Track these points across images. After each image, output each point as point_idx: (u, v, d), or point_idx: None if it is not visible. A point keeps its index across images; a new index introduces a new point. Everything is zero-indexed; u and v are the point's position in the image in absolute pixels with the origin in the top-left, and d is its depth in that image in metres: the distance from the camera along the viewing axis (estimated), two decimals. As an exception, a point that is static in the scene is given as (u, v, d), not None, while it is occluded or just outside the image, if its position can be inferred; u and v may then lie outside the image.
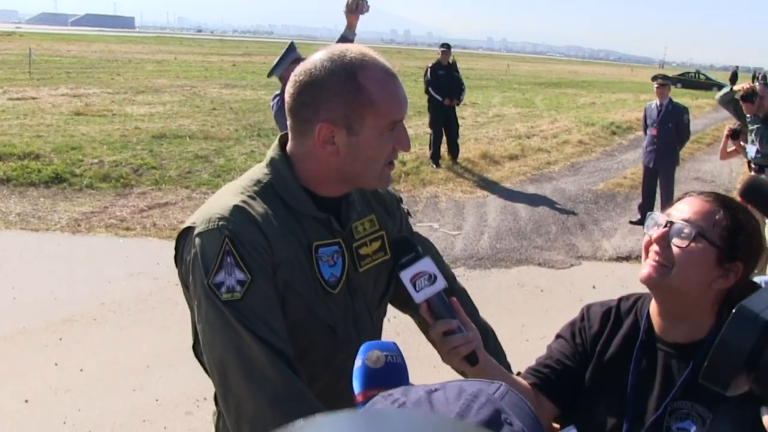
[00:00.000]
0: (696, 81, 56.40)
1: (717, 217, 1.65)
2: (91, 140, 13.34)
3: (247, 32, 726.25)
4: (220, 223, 1.65)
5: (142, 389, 5.05)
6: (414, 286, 1.65)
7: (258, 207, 1.71)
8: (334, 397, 1.82)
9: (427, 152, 14.00)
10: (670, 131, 10.27)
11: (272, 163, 1.81)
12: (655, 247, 1.69)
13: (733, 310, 1.02)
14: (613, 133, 20.43)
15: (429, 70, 13.75)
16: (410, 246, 1.73)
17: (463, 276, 7.60)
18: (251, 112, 19.27)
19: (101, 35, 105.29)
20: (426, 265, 1.67)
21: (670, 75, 61.29)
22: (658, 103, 10.38)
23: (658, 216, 1.74)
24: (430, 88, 13.62)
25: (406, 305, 2.12)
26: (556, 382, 1.88)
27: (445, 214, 10.53)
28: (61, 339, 5.66)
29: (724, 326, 1.02)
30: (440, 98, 13.49)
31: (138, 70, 33.86)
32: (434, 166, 13.52)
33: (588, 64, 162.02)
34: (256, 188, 1.76)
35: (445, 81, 13.61)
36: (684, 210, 1.70)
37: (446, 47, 13.94)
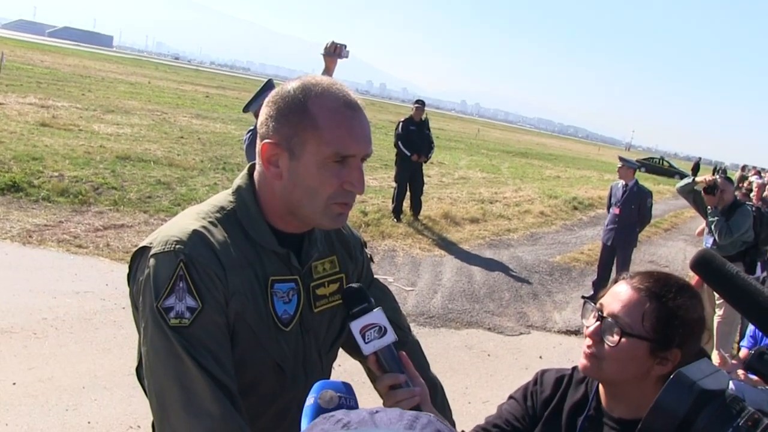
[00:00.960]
0: (659, 167, 57.69)
1: (646, 307, 1.65)
2: (54, 153, 13.19)
3: (224, 65, 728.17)
4: (177, 246, 1.60)
5: (75, 410, 4.90)
6: (363, 337, 1.62)
7: (217, 234, 1.66)
8: None
9: (390, 205, 14.03)
10: (632, 212, 10.35)
11: (238, 191, 1.77)
12: (588, 341, 1.72)
13: (671, 376, 1.03)
14: (575, 208, 20.67)
15: (401, 124, 13.82)
16: (362, 296, 1.67)
17: (413, 333, 7.57)
18: (219, 145, 19.23)
19: (77, 50, 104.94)
20: (376, 317, 1.64)
21: (636, 158, 62.53)
22: (624, 183, 10.48)
23: (591, 306, 1.76)
24: (399, 143, 13.67)
25: (357, 352, 2.11)
26: None
27: (401, 269, 10.51)
28: (-3, 350, 5.52)
29: (660, 391, 1.02)
30: (408, 153, 13.56)
31: (110, 89, 33.74)
32: (395, 220, 13.54)
33: (557, 138, 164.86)
34: (218, 215, 1.72)
35: (416, 137, 13.70)
36: (615, 301, 1.70)
37: (420, 104, 14.06)
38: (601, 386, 1.82)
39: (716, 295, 7.35)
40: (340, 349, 2.05)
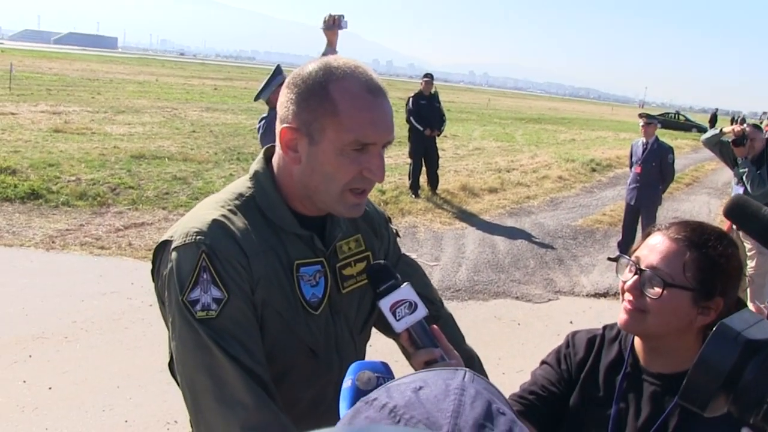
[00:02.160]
0: (676, 121, 57.15)
1: (686, 257, 1.61)
2: (69, 158, 13.23)
3: (229, 57, 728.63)
4: (198, 237, 1.58)
5: (112, 410, 4.93)
6: (394, 314, 1.58)
7: (238, 222, 1.64)
8: (314, 421, 1.77)
9: (407, 182, 14.01)
10: (653, 170, 10.19)
11: (255, 176, 1.74)
12: (628, 295, 1.67)
13: (713, 329, 0.99)
14: (593, 170, 20.56)
15: (411, 99, 13.76)
16: (387, 273, 1.64)
17: (441, 306, 7.56)
18: (231, 136, 19.24)
19: (83, 54, 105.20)
20: (405, 293, 1.60)
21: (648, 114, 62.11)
22: (644, 141, 10.33)
23: (627, 260, 1.71)
24: (411, 118, 13.63)
25: (389, 330, 2.09)
26: (540, 409, 1.84)
27: (423, 245, 10.49)
28: (30, 356, 5.54)
29: (703, 345, 0.99)
30: (421, 128, 13.51)
31: (119, 90, 33.81)
32: (413, 196, 13.51)
33: (568, 101, 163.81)
34: (237, 202, 1.69)
35: (427, 111, 13.64)
36: (652, 252, 1.66)
37: (429, 77, 13.97)
38: (637, 342, 1.79)
39: (747, 246, 7.27)
40: (373, 329, 2.03)
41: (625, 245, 10.25)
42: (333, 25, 5.03)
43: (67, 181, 11.43)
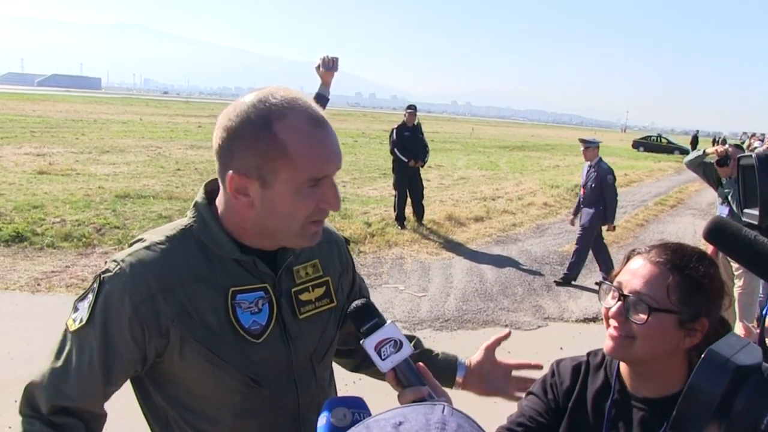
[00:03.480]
0: (658, 144, 57.63)
1: (669, 280, 1.61)
2: (54, 199, 13.18)
3: (213, 94, 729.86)
4: (111, 264, 1.65)
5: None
6: (379, 354, 1.56)
7: (163, 255, 1.65)
8: None
9: (392, 213, 13.99)
10: (594, 191, 10.47)
11: (195, 206, 1.75)
12: (613, 322, 1.66)
13: (702, 356, 0.98)
14: (578, 195, 20.61)
15: (395, 130, 13.78)
16: (370, 312, 1.61)
17: (430, 338, 7.53)
18: (216, 173, 19.17)
19: (67, 95, 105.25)
20: (390, 331, 1.57)
21: (633, 138, 62.41)
22: (589, 164, 10.65)
23: (609, 286, 1.71)
24: (395, 149, 13.65)
25: (346, 356, 2.11)
26: None
27: (410, 276, 10.47)
28: (15, 401, 5.42)
29: (692, 373, 0.97)
30: (405, 159, 13.53)
31: (103, 130, 33.81)
32: (399, 227, 13.49)
33: (551, 128, 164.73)
34: (173, 233, 1.70)
35: (411, 142, 13.67)
36: (635, 277, 1.65)
37: (412, 108, 14.02)
38: (623, 368, 1.78)
39: (734, 266, 7.28)
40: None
41: (604, 266, 10.50)
42: (331, 66, 5.18)
43: (52, 223, 11.37)
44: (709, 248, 4.24)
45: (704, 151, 7.95)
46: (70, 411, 1.62)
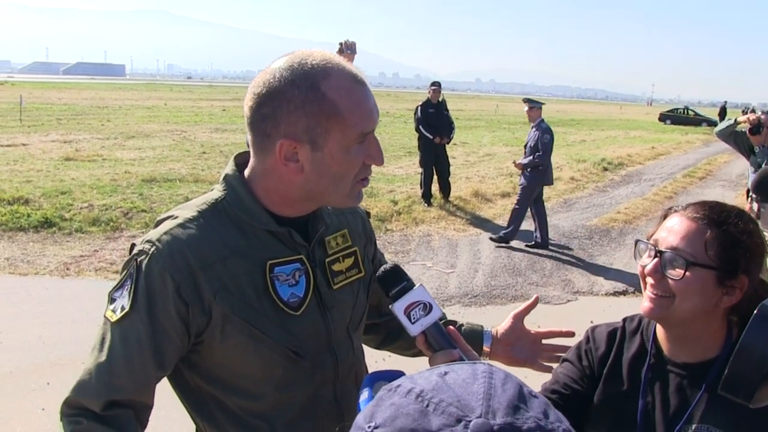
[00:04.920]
0: (685, 117, 56.95)
1: (707, 236, 1.57)
2: (81, 185, 13.27)
3: (236, 78, 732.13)
4: (145, 245, 1.60)
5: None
6: (409, 317, 1.53)
7: (198, 231, 1.62)
8: (312, 423, 1.76)
9: (419, 191, 13.96)
10: (532, 151, 10.88)
11: (226, 179, 1.72)
12: (650, 280, 1.63)
13: (755, 312, 0.92)
14: (605, 169, 20.50)
15: (419, 108, 13.71)
16: (398, 275, 1.59)
17: (459, 314, 7.51)
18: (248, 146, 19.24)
19: (92, 83, 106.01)
20: (419, 294, 1.55)
21: (659, 111, 61.84)
22: (532, 124, 11.04)
23: (645, 245, 1.67)
24: (420, 126, 13.58)
25: (369, 332, 2.10)
26: (564, 408, 1.77)
27: (438, 253, 10.44)
28: (48, 383, 5.52)
29: (744, 331, 0.91)
30: (431, 136, 13.46)
31: (128, 116, 33.99)
32: (426, 204, 13.46)
33: (576, 102, 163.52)
34: (205, 207, 1.67)
35: (435, 119, 13.60)
36: (671, 234, 1.61)
37: (437, 85, 13.95)
38: (659, 332, 1.74)
39: (766, 234, 7.17)
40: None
41: (541, 228, 11.02)
42: (348, 49, 5.48)
43: (80, 208, 11.44)
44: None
45: (735, 120, 7.82)
46: (121, 404, 1.58)
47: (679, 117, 57.16)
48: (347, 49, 5.50)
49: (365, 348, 2.06)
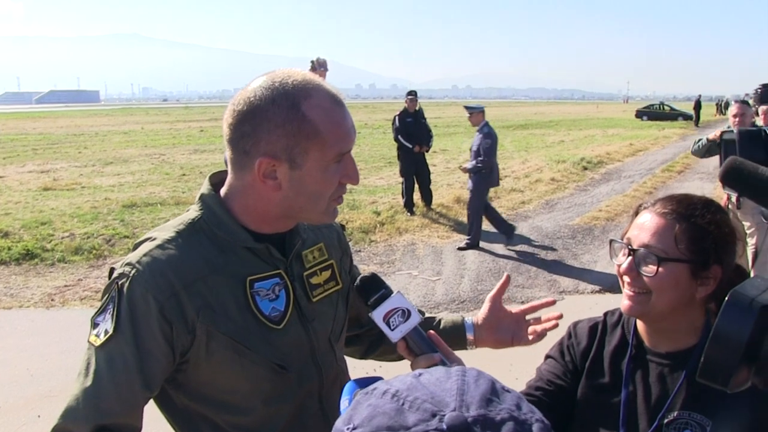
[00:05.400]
0: (661, 112, 57.28)
1: (676, 230, 1.61)
2: (61, 214, 13.19)
3: (213, 98, 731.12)
4: (125, 269, 1.60)
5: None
6: (388, 324, 1.56)
7: (178, 251, 1.63)
8: None
9: (401, 201, 13.98)
10: (475, 155, 11.15)
11: (202, 199, 1.73)
12: (626, 278, 1.67)
13: (726, 299, 0.93)
14: (585, 168, 20.62)
15: (397, 118, 13.73)
16: (377, 284, 1.63)
17: (447, 320, 7.51)
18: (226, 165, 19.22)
19: (67, 110, 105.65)
20: (397, 301, 1.58)
21: (635, 108, 62.21)
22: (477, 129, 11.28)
23: (619, 244, 1.71)
24: (399, 136, 13.60)
25: (352, 343, 2.12)
26: (550, 404, 1.81)
27: (423, 261, 10.46)
28: (39, 416, 5.47)
29: (717, 317, 0.93)
30: (410, 145, 13.49)
31: (105, 142, 33.85)
32: (409, 213, 13.49)
33: (553, 104, 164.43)
34: (182, 227, 1.69)
35: (413, 128, 13.64)
36: (642, 231, 1.66)
37: (413, 94, 14.00)
38: (640, 324, 1.78)
39: (746, 224, 7.22)
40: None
41: (501, 227, 11.34)
42: (320, 67, 5.66)
43: (61, 238, 11.38)
44: (722, 201, 4.18)
45: (706, 138, 7.88)
46: (110, 429, 1.58)
47: (655, 113, 57.47)
48: (320, 67, 5.64)
49: (356, 361, 2.07)
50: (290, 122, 1.55)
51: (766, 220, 5.85)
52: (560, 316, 2.03)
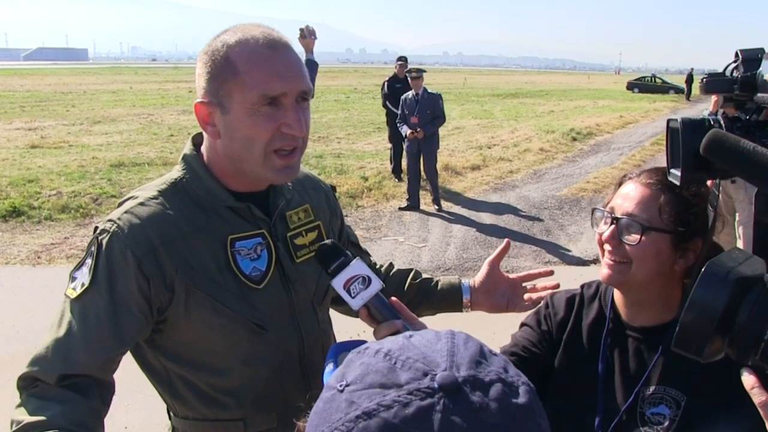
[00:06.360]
0: (652, 84, 57.00)
1: (661, 201, 1.62)
2: (48, 172, 13.16)
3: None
4: (107, 224, 1.63)
5: (110, 417, 4.82)
6: (349, 292, 1.56)
7: (159, 209, 1.65)
8: (281, 395, 1.79)
9: (389, 167, 13.97)
10: (428, 117, 11.41)
11: (184, 159, 1.76)
12: (608, 247, 1.67)
13: (702, 269, 0.95)
14: (574, 139, 20.62)
15: (386, 83, 13.66)
16: (337, 251, 1.61)
17: (432, 287, 7.56)
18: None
19: (55, 68, 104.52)
20: (357, 268, 1.57)
21: (628, 80, 61.94)
22: (414, 93, 11.51)
23: (601, 212, 1.72)
24: (387, 102, 13.55)
25: (340, 303, 2.10)
26: (523, 369, 1.82)
27: (409, 228, 10.50)
28: (24, 373, 5.50)
29: (693, 286, 0.95)
30: (397, 111, 13.43)
31: (93, 101, 33.60)
32: (396, 180, 13.49)
33: (544, 73, 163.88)
34: (165, 186, 1.71)
35: (402, 94, 13.57)
36: (626, 200, 1.67)
37: (403, 60, 13.89)
38: (617, 298, 1.79)
39: (738, 199, 7.23)
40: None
41: (414, 192, 11.65)
42: (310, 35, 5.67)
43: (48, 196, 11.36)
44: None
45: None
46: (76, 380, 1.58)
47: (646, 85, 57.16)
48: (309, 35, 5.67)
49: (343, 325, 2.09)
50: (216, 65, 1.59)
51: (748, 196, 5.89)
52: (557, 286, 2.04)
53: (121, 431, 4.77)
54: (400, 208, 11.54)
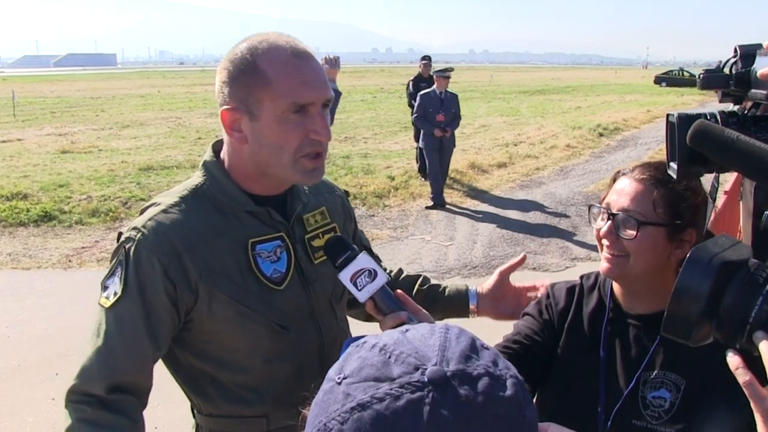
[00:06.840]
0: (680, 78, 56.31)
1: (654, 195, 1.67)
2: (79, 177, 13.32)
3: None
4: (131, 233, 1.68)
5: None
6: (355, 285, 1.63)
7: (181, 215, 1.71)
8: (301, 393, 1.82)
9: (415, 166, 13.97)
10: (452, 116, 11.66)
11: (205, 165, 1.81)
12: (605, 242, 1.72)
13: (687, 256, 0.97)
14: (601, 135, 20.51)
15: (411, 83, 13.72)
16: (343, 245, 1.70)
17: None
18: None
19: (84, 74, 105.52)
20: (363, 262, 1.64)
21: (655, 74, 61.26)
22: (439, 92, 11.64)
23: (598, 208, 1.76)
24: (413, 101, 13.57)
25: (352, 306, 2.13)
26: (526, 358, 1.87)
27: (436, 226, 10.52)
28: (57, 374, 5.60)
29: (678, 275, 0.97)
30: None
31: (122, 106, 33.91)
32: (423, 179, 13.46)
33: (571, 69, 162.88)
34: (185, 193, 1.76)
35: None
36: (621, 196, 1.71)
37: (427, 59, 13.93)
38: (616, 287, 1.84)
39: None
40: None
41: (439, 194, 11.72)
42: (334, 63, 5.68)
43: (79, 200, 11.51)
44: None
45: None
46: (124, 388, 1.65)
47: (674, 79, 56.45)
48: (329, 64, 5.84)
49: (360, 323, 2.13)
50: (244, 73, 1.63)
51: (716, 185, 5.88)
52: None
53: (152, 431, 4.83)
54: (427, 207, 11.59)
